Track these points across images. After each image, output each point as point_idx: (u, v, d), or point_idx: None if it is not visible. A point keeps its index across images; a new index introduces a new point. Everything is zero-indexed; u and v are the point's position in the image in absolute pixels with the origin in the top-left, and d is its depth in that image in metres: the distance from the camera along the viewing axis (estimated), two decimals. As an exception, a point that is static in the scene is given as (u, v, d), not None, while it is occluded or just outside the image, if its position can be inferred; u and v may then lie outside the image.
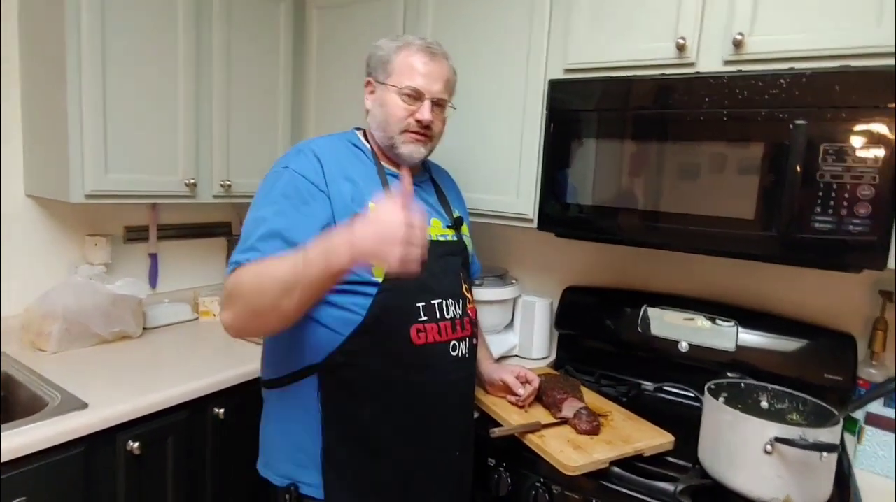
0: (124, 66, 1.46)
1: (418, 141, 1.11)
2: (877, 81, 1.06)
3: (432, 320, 1.06)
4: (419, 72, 1.09)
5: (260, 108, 1.83)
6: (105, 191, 1.46)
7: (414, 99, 1.09)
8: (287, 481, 1.05)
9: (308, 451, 1.03)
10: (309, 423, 1.03)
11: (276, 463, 1.08)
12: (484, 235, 1.90)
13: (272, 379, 1.09)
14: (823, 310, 1.45)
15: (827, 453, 0.91)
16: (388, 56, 1.11)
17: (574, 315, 1.70)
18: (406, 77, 1.09)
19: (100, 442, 1.19)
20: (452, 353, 1.09)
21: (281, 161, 1.07)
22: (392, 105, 1.09)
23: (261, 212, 1.00)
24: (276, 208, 0.99)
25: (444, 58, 1.14)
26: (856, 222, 1.09)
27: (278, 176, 1.03)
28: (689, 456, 1.13)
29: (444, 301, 1.08)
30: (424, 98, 1.09)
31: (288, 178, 1.02)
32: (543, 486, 1.14)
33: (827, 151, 1.11)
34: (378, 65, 1.13)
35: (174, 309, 1.86)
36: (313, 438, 1.03)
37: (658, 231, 1.30)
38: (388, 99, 1.10)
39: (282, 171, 1.03)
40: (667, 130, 1.27)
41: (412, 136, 1.10)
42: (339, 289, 1.01)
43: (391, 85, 1.09)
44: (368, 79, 1.16)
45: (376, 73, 1.13)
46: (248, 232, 0.98)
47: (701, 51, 1.27)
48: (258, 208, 1.01)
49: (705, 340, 1.47)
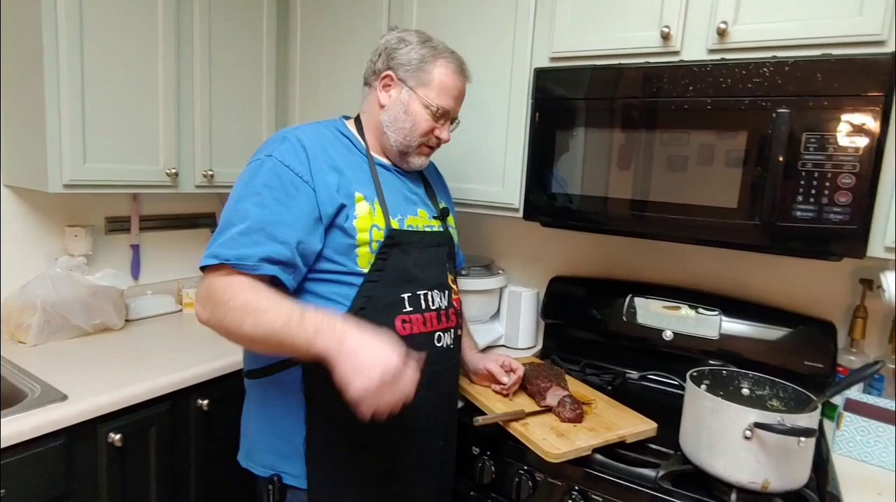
0: (103, 53, 1.43)
1: (428, 153, 1.16)
2: (858, 70, 1.06)
3: (417, 311, 1.06)
4: (452, 93, 1.12)
5: (243, 96, 1.80)
6: (84, 181, 1.43)
7: (439, 118, 1.11)
8: (270, 472, 1.05)
9: (291, 442, 1.03)
10: (292, 414, 1.03)
11: (258, 453, 1.08)
12: (470, 225, 1.90)
13: (255, 369, 1.08)
14: (805, 298, 1.47)
15: (804, 438, 0.92)
16: (423, 63, 1.09)
17: (560, 304, 1.71)
18: (439, 96, 1.10)
19: (80, 434, 1.18)
20: (437, 344, 1.09)
21: (264, 148, 1.04)
22: (419, 117, 1.10)
23: (242, 202, 0.96)
24: (257, 199, 0.96)
25: (470, 81, 1.17)
26: (836, 210, 1.10)
27: (261, 164, 1.00)
28: (671, 442, 1.14)
29: (429, 292, 1.08)
30: (448, 118, 1.13)
31: (271, 168, 0.98)
32: (527, 474, 1.15)
33: (809, 140, 1.11)
34: (409, 67, 1.09)
35: (157, 300, 1.84)
36: (297, 428, 1.02)
37: (642, 220, 1.30)
38: (416, 110, 1.09)
39: (264, 160, 1.00)
40: (651, 119, 1.27)
41: (426, 150, 1.14)
42: (324, 279, 1.01)
43: (423, 97, 1.09)
44: (389, 73, 1.10)
45: (405, 75, 1.09)
46: (228, 221, 0.96)
47: (685, 39, 1.27)
48: (240, 199, 0.97)
49: (689, 329, 1.48)
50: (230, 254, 0.92)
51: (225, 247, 0.93)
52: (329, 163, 1.03)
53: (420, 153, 1.14)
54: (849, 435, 1.19)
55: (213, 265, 0.93)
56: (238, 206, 0.97)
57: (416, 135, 1.10)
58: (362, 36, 1.73)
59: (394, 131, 1.11)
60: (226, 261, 0.91)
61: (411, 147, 1.12)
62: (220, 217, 0.99)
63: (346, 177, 1.03)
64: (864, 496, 1.05)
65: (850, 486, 1.07)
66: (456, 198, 1.56)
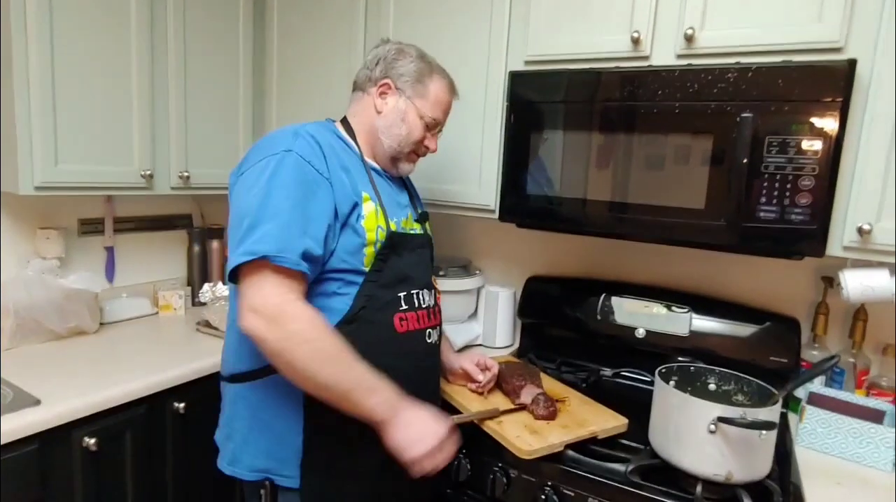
0: (74, 52, 1.41)
1: (415, 161, 1.21)
2: (817, 76, 1.10)
3: (411, 309, 1.09)
4: (444, 109, 1.20)
5: (219, 96, 1.79)
6: (56, 183, 1.41)
7: (430, 128, 1.18)
8: (261, 476, 1.04)
9: (286, 443, 1.03)
10: (289, 414, 1.02)
11: (248, 458, 1.06)
12: (448, 226, 1.92)
13: (247, 371, 1.06)
14: (771, 296, 1.51)
15: (765, 431, 0.96)
16: (421, 76, 1.15)
17: (536, 304, 1.73)
18: (433, 108, 1.17)
19: (54, 439, 1.17)
20: (428, 341, 1.13)
21: (275, 144, 1.01)
22: (414, 126, 1.15)
23: (272, 198, 0.94)
24: (286, 193, 0.94)
25: (457, 97, 1.24)
26: (797, 211, 1.14)
27: (282, 159, 0.97)
28: (641, 437, 1.18)
29: (420, 291, 1.12)
30: (436, 129, 1.20)
31: (294, 163, 0.97)
32: (501, 471, 1.17)
33: (771, 143, 1.15)
34: (408, 78, 1.14)
35: (132, 303, 1.82)
36: (293, 429, 1.02)
37: (614, 221, 1.33)
38: (411, 119, 1.14)
39: (284, 155, 0.97)
40: (622, 123, 1.30)
41: (415, 157, 1.20)
42: (330, 278, 1.02)
43: (420, 108, 1.15)
44: (387, 81, 1.14)
45: (403, 85, 1.14)
46: (258, 217, 0.93)
47: (655, 45, 1.30)
48: (267, 194, 0.94)
49: (661, 327, 1.52)
50: (270, 249, 0.90)
51: (262, 242, 0.91)
52: (339, 161, 1.05)
53: (409, 160, 1.19)
54: (811, 427, 1.24)
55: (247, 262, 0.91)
56: (268, 202, 0.94)
57: (409, 143, 1.15)
58: (339, 37, 1.73)
59: (388, 137, 1.14)
60: (265, 255, 0.90)
61: (402, 153, 1.16)
62: (239, 212, 0.96)
63: (353, 179, 1.05)
64: (824, 485, 1.09)
65: (811, 476, 1.12)
66: (433, 199, 1.58)
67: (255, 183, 0.97)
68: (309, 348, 0.91)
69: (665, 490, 1.04)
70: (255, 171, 0.98)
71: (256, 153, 1.02)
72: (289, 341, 0.90)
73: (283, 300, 0.91)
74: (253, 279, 0.92)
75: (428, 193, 1.57)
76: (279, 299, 0.91)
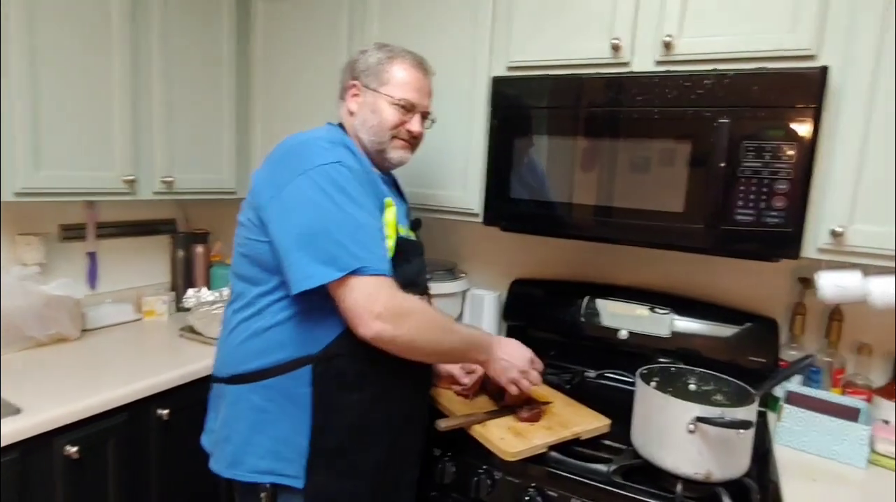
0: (54, 56, 1.40)
1: (406, 147, 1.20)
2: (791, 83, 1.14)
3: None
4: (413, 86, 1.16)
5: (203, 99, 1.79)
6: (37, 189, 1.40)
7: (405, 110, 1.16)
8: (263, 477, 1.04)
9: (292, 443, 1.03)
10: (294, 415, 1.03)
11: (250, 459, 1.05)
12: (434, 230, 1.93)
13: (253, 371, 1.05)
14: (750, 297, 1.54)
15: (743, 430, 0.98)
16: (380, 64, 1.16)
17: (521, 307, 1.75)
18: (400, 89, 1.15)
19: (35, 448, 1.16)
20: None
21: (314, 155, 1.02)
22: (385, 112, 1.15)
23: (345, 209, 0.98)
24: (356, 203, 1.00)
25: (432, 74, 1.23)
26: (773, 215, 1.17)
27: (336, 169, 1.00)
28: (623, 438, 1.19)
29: (421, 296, 1.14)
30: (416, 111, 1.18)
31: (347, 173, 1.01)
32: (486, 473, 1.18)
33: (747, 148, 1.18)
34: (369, 72, 1.16)
35: (116, 309, 1.80)
36: (299, 429, 1.03)
37: (596, 224, 1.35)
38: (381, 106, 1.15)
39: (337, 167, 1.00)
40: (603, 128, 1.32)
41: (401, 143, 1.18)
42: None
43: (385, 94, 1.14)
44: (354, 82, 1.17)
45: (366, 79, 1.16)
46: (342, 229, 0.97)
47: (635, 51, 1.32)
48: (341, 205, 0.98)
49: (643, 328, 1.54)
50: (366, 262, 0.97)
51: (356, 258, 0.96)
52: (362, 167, 1.08)
53: (396, 147, 1.18)
54: (789, 425, 1.26)
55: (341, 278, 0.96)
56: (342, 216, 0.98)
57: (386, 130, 1.15)
58: (323, 41, 1.73)
59: (365, 132, 1.16)
60: (360, 270, 0.96)
61: (384, 142, 1.16)
62: (307, 229, 0.97)
63: (375, 182, 1.08)
64: (801, 482, 1.12)
65: (788, 473, 1.14)
66: (418, 203, 1.59)
67: (314, 197, 0.98)
68: (429, 332, 1.03)
69: (646, 489, 1.06)
70: (308, 185, 0.99)
71: (298, 162, 1.02)
72: (407, 323, 0.99)
73: (395, 299, 0.98)
74: (359, 289, 0.96)
75: (413, 197, 1.57)
76: (393, 300, 0.98)
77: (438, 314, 1.08)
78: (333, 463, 1.04)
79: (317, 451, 1.03)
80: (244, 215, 1.09)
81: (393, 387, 1.08)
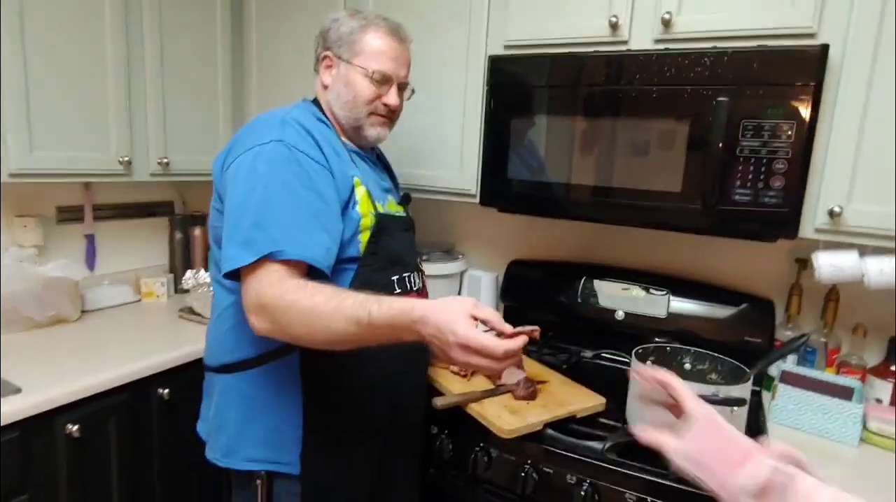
0: (45, 35, 1.38)
1: (384, 123, 1.13)
2: (790, 60, 1.12)
3: (404, 292, 1.09)
4: (388, 55, 1.09)
5: (198, 79, 1.77)
6: (31, 170, 1.39)
7: (381, 83, 1.09)
8: (258, 466, 1.04)
9: (285, 431, 1.02)
10: (287, 402, 1.02)
11: (245, 448, 1.05)
12: (431, 211, 1.93)
13: (241, 361, 1.04)
14: (747, 277, 1.55)
15: (736, 407, 0.99)
16: (353, 34, 1.08)
17: (518, 287, 1.75)
18: (374, 60, 1.08)
19: (36, 427, 1.17)
20: None
21: (262, 133, 0.97)
22: (359, 86, 1.08)
23: (271, 190, 0.91)
24: (285, 187, 0.91)
25: (409, 41, 1.15)
26: (771, 194, 1.17)
27: (274, 150, 0.94)
28: (618, 416, 1.21)
29: (410, 274, 1.12)
30: (392, 82, 1.11)
31: (287, 153, 0.94)
32: (483, 450, 1.20)
33: (746, 127, 1.17)
34: (341, 42, 1.09)
35: (115, 291, 1.81)
36: (292, 416, 1.02)
37: (593, 205, 1.35)
38: (355, 79, 1.08)
39: (276, 145, 0.94)
40: (600, 107, 1.31)
41: (379, 119, 1.12)
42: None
43: (359, 66, 1.08)
44: (326, 53, 1.11)
45: (338, 50, 1.09)
46: (263, 212, 0.90)
47: (633, 29, 1.31)
48: (267, 187, 0.91)
49: (640, 309, 1.55)
50: (273, 247, 0.87)
51: (273, 241, 0.88)
52: (330, 146, 1.02)
53: (373, 123, 1.12)
54: (783, 404, 1.28)
55: (253, 262, 0.88)
56: (268, 196, 0.91)
57: (361, 104, 1.09)
58: (318, 17, 1.69)
59: (340, 107, 1.10)
60: (275, 254, 0.87)
61: (361, 118, 1.10)
62: (237, 208, 0.92)
63: (343, 161, 1.03)
64: (793, 459, 1.13)
65: (781, 451, 1.15)
66: (414, 185, 1.58)
67: (248, 176, 0.93)
68: (312, 324, 0.84)
69: (640, 466, 1.07)
70: (246, 163, 0.94)
71: (243, 142, 0.98)
72: (277, 320, 0.86)
73: (276, 291, 0.87)
74: (253, 278, 0.89)
75: (409, 178, 1.57)
76: (272, 294, 0.87)
77: (331, 299, 0.84)
78: (328, 452, 1.04)
79: (310, 440, 1.02)
80: (213, 201, 1.06)
81: (386, 374, 1.07)
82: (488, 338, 0.77)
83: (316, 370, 1.01)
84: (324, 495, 1.04)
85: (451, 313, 0.77)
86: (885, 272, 1.17)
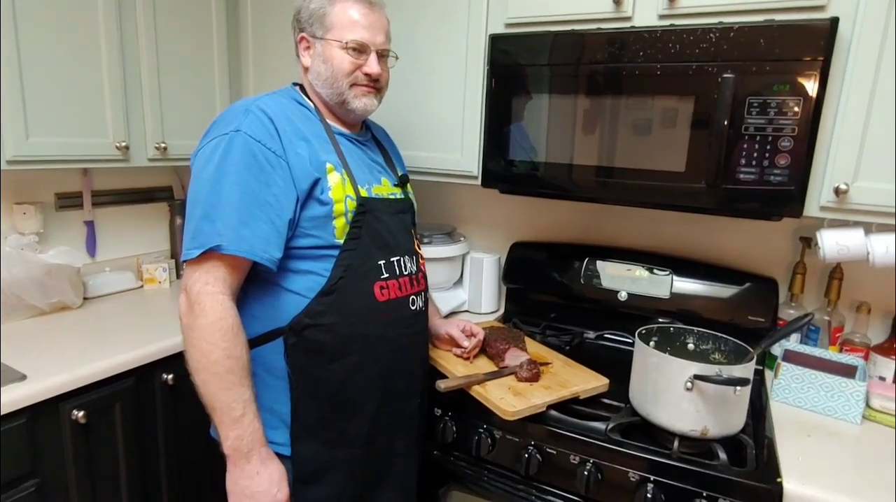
0: (39, 21, 1.35)
1: (369, 93, 1.11)
2: (798, 35, 1.10)
3: (393, 277, 1.08)
4: (361, 24, 1.07)
5: (194, 62, 1.74)
6: (28, 157, 1.38)
7: (359, 52, 1.08)
8: None
9: (274, 412, 1.03)
10: (275, 385, 1.03)
11: None
12: (433, 193, 1.91)
13: None
14: (750, 257, 1.54)
15: (740, 387, 0.99)
16: (322, 9, 1.07)
17: (521, 269, 1.75)
18: (347, 31, 1.06)
19: (42, 413, 1.18)
20: (411, 307, 1.13)
21: (226, 122, 0.99)
22: (337, 59, 1.07)
23: (222, 183, 0.93)
24: (237, 179, 0.93)
25: (381, 6, 1.12)
26: (776, 172, 1.15)
27: (230, 140, 0.95)
28: (621, 397, 1.21)
29: (401, 258, 1.11)
30: (370, 51, 1.09)
31: (242, 144, 0.95)
32: (486, 432, 1.20)
33: (752, 104, 1.15)
34: (313, 19, 1.08)
35: (116, 277, 1.81)
36: (280, 399, 1.03)
37: (595, 185, 1.33)
38: (332, 54, 1.07)
39: (233, 136, 0.95)
40: (603, 86, 1.28)
41: (363, 90, 1.10)
42: (302, 256, 1.01)
43: (332, 40, 1.06)
44: (302, 35, 1.10)
45: (311, 29, 1.08)
46: (210, 205, 0.92)
47: (637, 5, 1.28)
48: (217, 180, 0.93)
49: (643, 289, 1.54)
50: (216, 242, 0.91)
51: (218, 235, 0.91)
52: (297, 133, 1.01)
53: (357, 94, 1.10)
54: (785, 383, 1.28)
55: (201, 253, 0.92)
56: (218, 188, 0.93)
57: (342, 77, 1.08)
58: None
59: (322, 85, 1.10)
60: (216, 247, 0.91)
61: (344, 91, 1.09)
62: (191, 199, 0.95)
63: (314, 148, 1.02)
64: (796, 437, 1.14)
65: (783, 430, 1.16)
66: (415, 167, 1.57)
67: (204, 167, 0.96)
68: (205, 348, 0.93)
69: (643, 446, 1.08)
70: (206, 153, 0.97)
71: (209, 132, 1.01)
72: (194, 329, 0.93)
73: (206, 290, 0.93)
74: (193, 269, 0.94)
75: (410, 160, 1.55)
76: (205, 288, 0.93)
77: (231, 354, 0.93)
78: (318, 434, 1.05)
79: (299, 422, 1.03)
80: None
81: (373, 357, 1.07)
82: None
83: (299, 356, 1.02)
84: (315, 475, 1.05)
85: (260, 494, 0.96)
86: (890, 250, 1.16)
